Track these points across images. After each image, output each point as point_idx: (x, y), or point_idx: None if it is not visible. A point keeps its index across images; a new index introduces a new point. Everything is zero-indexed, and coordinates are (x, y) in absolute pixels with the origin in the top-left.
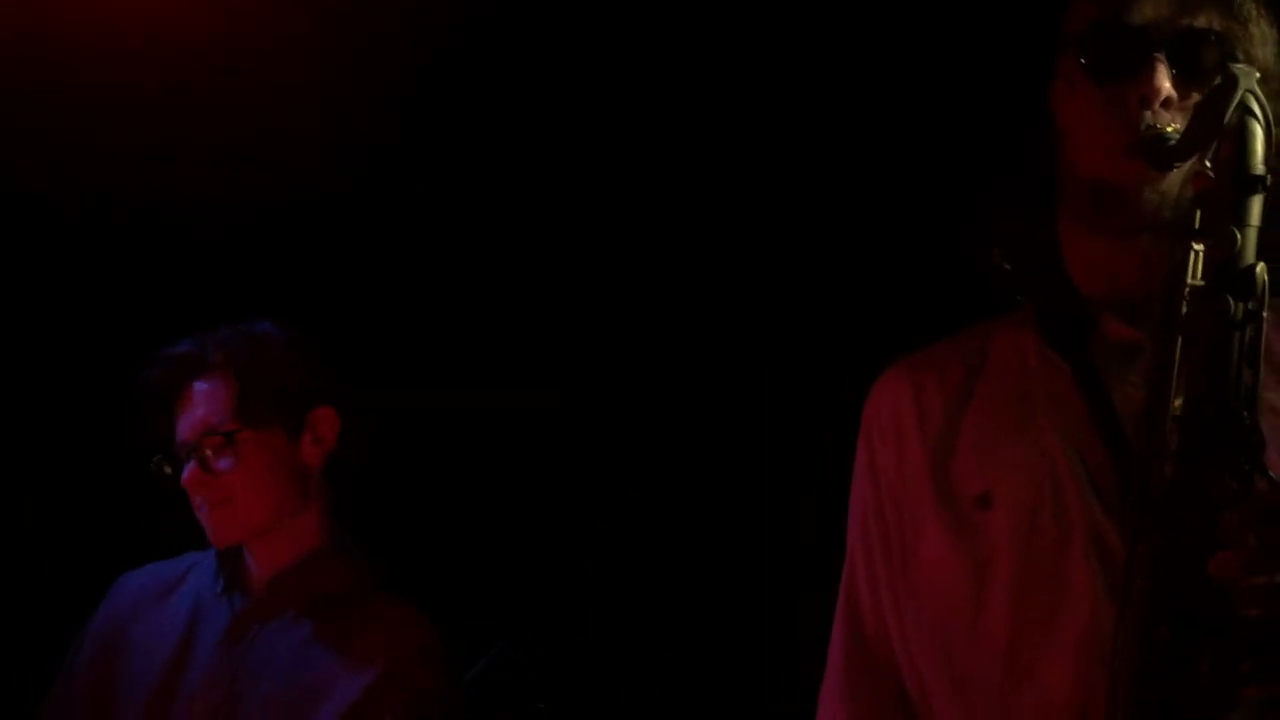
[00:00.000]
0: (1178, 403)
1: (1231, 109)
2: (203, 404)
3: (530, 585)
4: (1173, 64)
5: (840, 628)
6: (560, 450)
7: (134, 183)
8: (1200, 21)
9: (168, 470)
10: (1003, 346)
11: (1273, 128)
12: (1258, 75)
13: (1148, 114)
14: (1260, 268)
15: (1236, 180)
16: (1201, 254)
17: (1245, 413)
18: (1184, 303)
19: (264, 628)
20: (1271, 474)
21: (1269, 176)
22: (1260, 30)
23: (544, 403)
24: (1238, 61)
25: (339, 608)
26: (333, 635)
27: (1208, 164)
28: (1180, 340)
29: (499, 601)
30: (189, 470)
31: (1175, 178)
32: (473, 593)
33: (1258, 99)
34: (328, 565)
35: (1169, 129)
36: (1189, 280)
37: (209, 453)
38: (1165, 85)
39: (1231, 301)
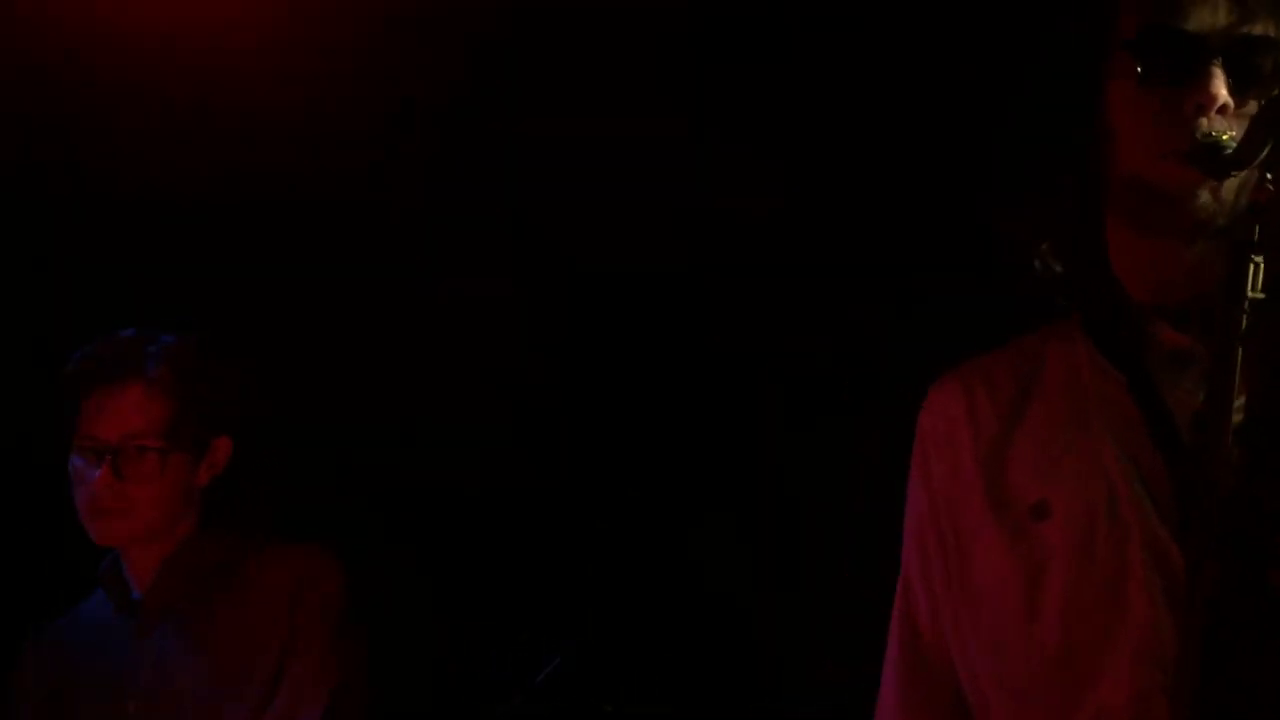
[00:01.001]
0: (1238, 415)
1: None
2: (132, 412)
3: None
4: (1229, 71)
5: (896, 639)
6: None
7: (136, 179)
8: (1257, 29)
9: (79, 461)
10: (1055, 356)
11: None
12: None
13: (1203, 121)
14: None
15: None
16: (1261, 266)
17: None
18: (1245, 315)
19: (163, 621)
20: None
21: None
22: None
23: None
24: None
25: (225, 576)
26: (230, 602)
27: (1269, 176)
28: (1241, 352)
29: (561, 604)
30: (101, 472)
31: (1230, 186)
32: (531, 596)
33: None
34: (200, 546)
35: (1225, 137)
36: (1250, 293)
37: (125, 461)
38: (1222, 92)
39: None
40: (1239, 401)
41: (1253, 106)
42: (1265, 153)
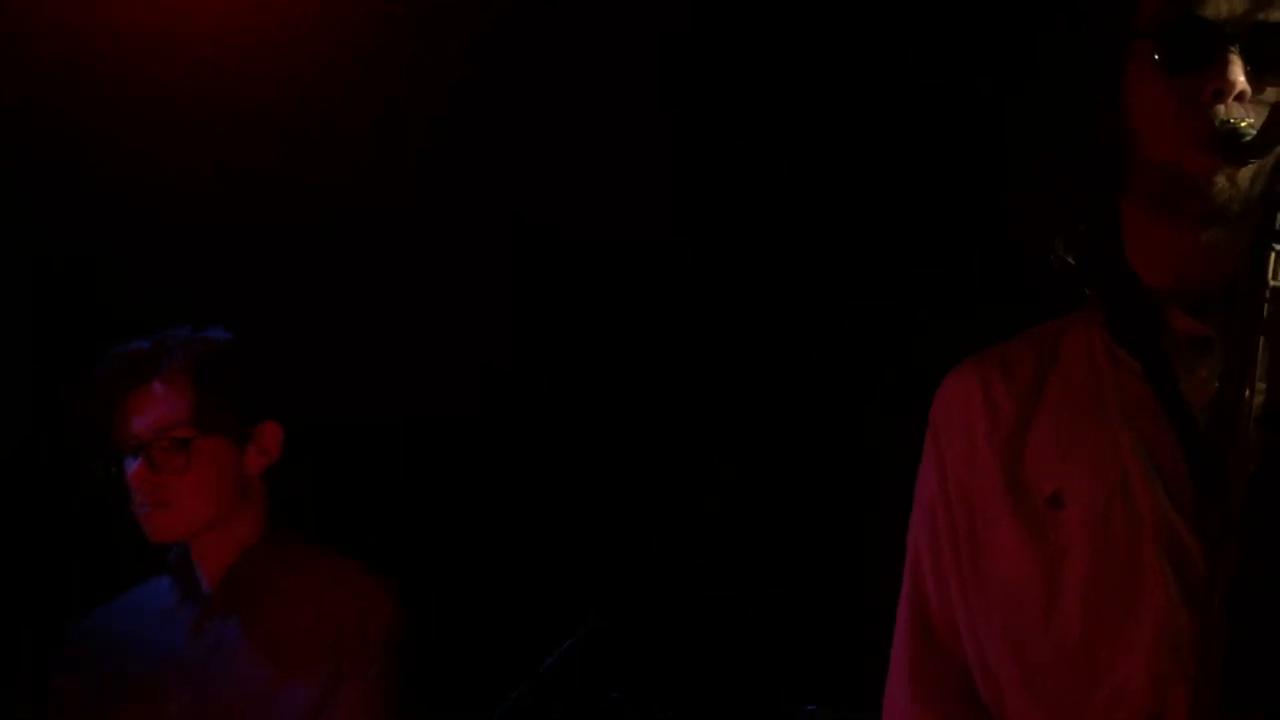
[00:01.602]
0: (1258, 402)
1: None
2: (159, 405)
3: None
4: (1246, 59)
5: (905, 625)
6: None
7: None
8: (1275, 16)
9: (112, 470)
10: (1072, 344)
11: None
12: None
13: (1221, 108)
14: None
15: None
16: None
17: None
18: (1265, 303)
19: (225, 622)
20: None
21: None
22: None
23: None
24: None
25: (291, 584)
26: (292, 611)
27: None
28: (1262, 341)
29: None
30: (135, 467)
31: (1247, 173)
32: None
33: None
34: (269, 551)
35: (1244, 124)
36: (1271, 281)
37: (158, 454)
38: (1240, 79)
39: None
40: (1259, 388)
41: (1271, 94)
42: None
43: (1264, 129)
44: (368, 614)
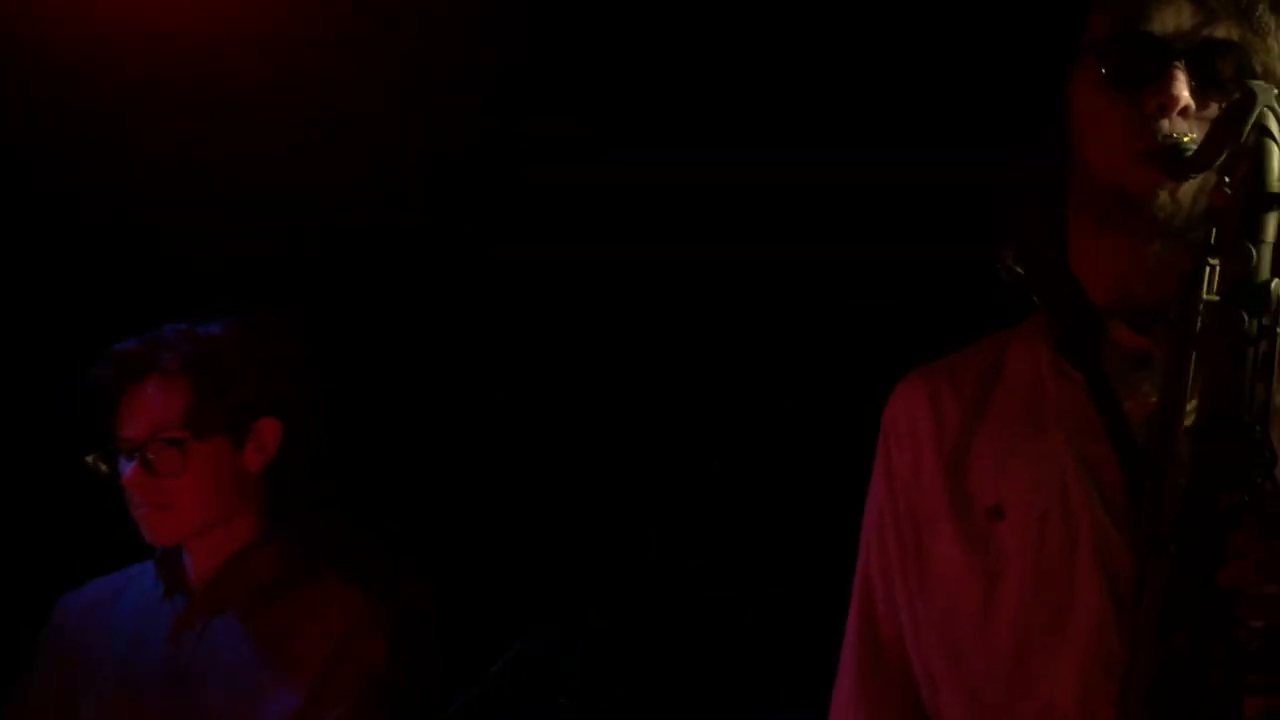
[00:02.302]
0: (1190, 415)
1: (1249, 127)
2: (153, 405)
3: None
4: (1191, 74)
5: (854, 630)
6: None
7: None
8: (1219, 32)
9: (103, 467)
10: (1017, 357)
11: None
12: (1276, 92)
13: (1165, 123)
14: (1275, 284)
15: (1253, 198)
16: (1217, 269)
17: (1258, 426)
18: (1199, 317)
19: (207, 624)
20: None
21: None
22: (1279, 43)
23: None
24: (1255, 74)
25: (280, 596)
26: (277, 624)
27: (1225, 180)
28: (1194, 355)
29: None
30: (131, 470)
31: (1189, 188)
32: (491, 588)
33: (1276, 116)
34: (262, 556)
35: (1186, 139)
36: (1204, 295)
37: (153, 456)
38: (1184, 95)
39: (1246, 317)
40: (1191, 403)
41: (1214, 109)
42: (1224, 156)
43: (1204, 144)
44: (350, 642)
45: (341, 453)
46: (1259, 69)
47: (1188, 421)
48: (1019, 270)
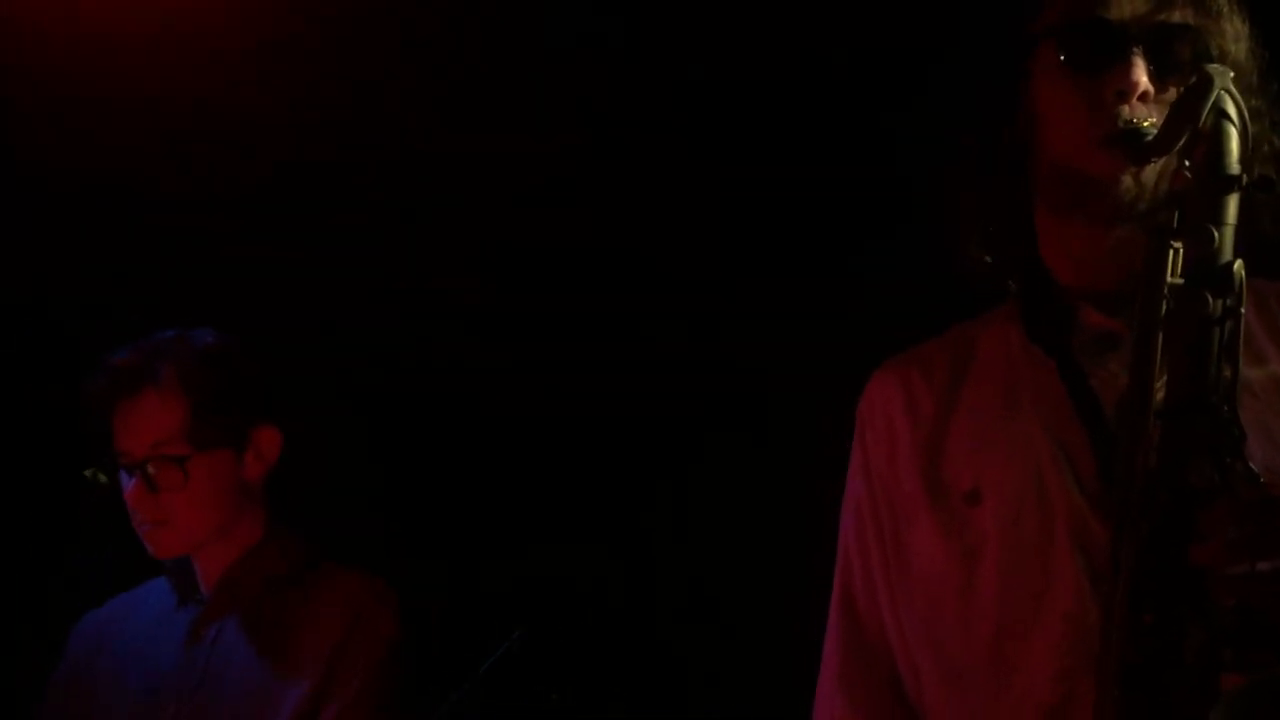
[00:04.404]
0: (1159, 396)
1: (1206, 110)
2: (151, 420)
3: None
4: (1149, 59)
5: (836, 620)
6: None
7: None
8: (1176, 17)
9: (103, 479)
10: (989, 343)
11: (1247, 127)
12: (1231, 74)
13: (1125, 108)
14: (1238, 265)
15: (1212, 180)
16: (1180, 252)
17: (1225, 406)
18: (1164, 300)
19: (221, 626)
20: (1252, 465)
21: (1244, 176)
22: (1233, 26)
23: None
24: (1211, 57)
25: (288, 589)
26: (288, 615)
27: (1185, 164)
28: (1161, 336)
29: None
30: (132, 486)
31: (1151, 171)
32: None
33: (1233, 99)
34: (269, 553)
35: (1146, 123)
36: (1169, 278)
37: (154, 471)
38: (1142, 79)
39: (1210, 299)
40: (1160, 382)
41: (1173, 93)
42: (1184, 140)
43: (1164, 127)
44: (360, 618)
45: (341, 453)
46: (1215, 52)
47: (1157, 403)
48: (987, 259)
